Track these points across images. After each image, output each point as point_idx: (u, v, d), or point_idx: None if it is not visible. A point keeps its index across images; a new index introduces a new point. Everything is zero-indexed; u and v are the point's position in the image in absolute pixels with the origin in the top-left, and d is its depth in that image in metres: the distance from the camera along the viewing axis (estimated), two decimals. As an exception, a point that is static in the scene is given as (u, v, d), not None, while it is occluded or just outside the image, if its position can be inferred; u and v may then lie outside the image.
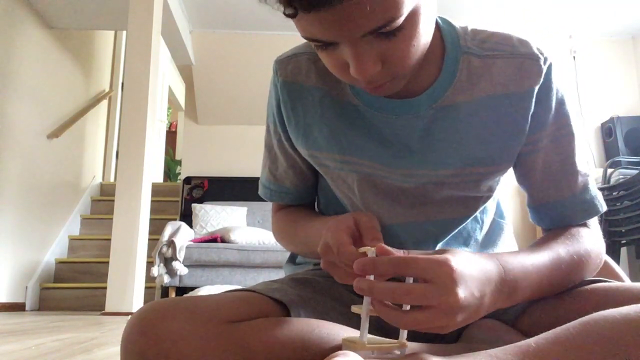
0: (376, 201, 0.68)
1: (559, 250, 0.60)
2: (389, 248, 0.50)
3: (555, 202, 0.66)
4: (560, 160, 0.65)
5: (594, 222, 0.68)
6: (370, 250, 0.50)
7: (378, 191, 0.67)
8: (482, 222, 0.74)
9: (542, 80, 0.63)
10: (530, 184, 0.68)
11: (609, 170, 2.85)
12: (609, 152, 4.39)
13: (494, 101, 0.63)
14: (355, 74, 0.52)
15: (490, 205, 0.75)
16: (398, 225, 0.69)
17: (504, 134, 0.63)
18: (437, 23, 0.66)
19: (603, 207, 0.67)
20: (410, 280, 0.48)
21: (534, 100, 0.63)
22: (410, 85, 0.62)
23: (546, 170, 0.66)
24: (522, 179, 0.68)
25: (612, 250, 2.62)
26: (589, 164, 4.43)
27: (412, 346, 0.57)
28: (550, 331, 0.47)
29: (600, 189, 2.71)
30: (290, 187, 0.78)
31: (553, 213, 0.67)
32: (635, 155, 4.07)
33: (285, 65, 0.71)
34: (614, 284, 0.60)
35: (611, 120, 4.42)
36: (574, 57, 4.72)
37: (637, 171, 2.52)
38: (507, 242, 0.79)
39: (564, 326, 0.47)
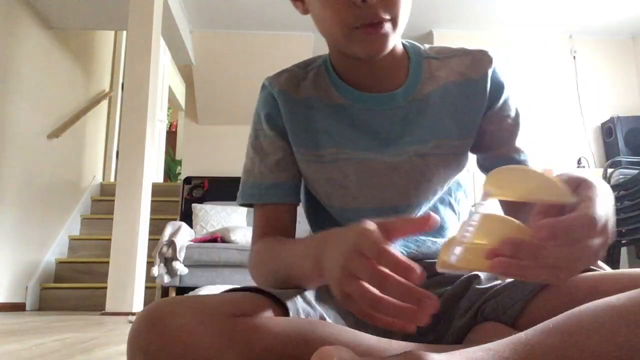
0: (371, 183, 0.75)
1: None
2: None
3: (506, 157, 0.77)
4: (509, 127, 0.78)
5: None
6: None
7: (374, 172, 0.75)
8: (459, 214, 0.82)
9: (493, 65, 0.77)
10: (484, 145, 0.78)
11: (609, 170, 2.85)
12: (609, 152, 4.40)
13: (457, 86, 0.76)
14: None
15: (463, 199, 0.84)
16: (389, 209, 0.75)
17: (469, 109, 0.76)
18: (402, 43, 0.79)
19: None
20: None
21: (489, 80, 0.76)
22: (387, 84, 0.76)
23: (498, 131, 0.77)
24: (478, 144, 0.78)
25: (612, 250, 2.62)
26: (589, 164, 4.44)
27: (411, 346, 0.57)
28: (541, 323, 0.49)
29: (600, 189, 2.70)
30: (281, 180, 0.78)
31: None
32: (635, 155, 4.08)
33: (278, 78, 0.80)
34: (599, 273, 0.61)
35: (611, 120, 4.42)
36: (574, 57, 4.73)
37: (637, 171, 2.51)
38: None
39: (553, 318, 0.48)
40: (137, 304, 3.21)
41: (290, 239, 0.75)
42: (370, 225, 0.49)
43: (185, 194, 4.82)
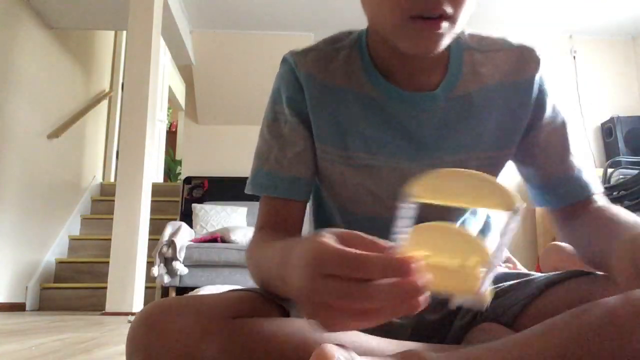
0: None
1: None
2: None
3: (561, 177, 0.69)
4: (559, 139, 0.70)
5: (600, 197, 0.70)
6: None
7: (405, 181, 0.69)
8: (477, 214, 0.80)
9: (540, 67, 0.69)
10: (535, 162, 0.71)
11: (609, 170, 2.85)
12: (609, 152, 4.39)
13: (502, 89, 0.69)
14: None
15: None
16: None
17: (512, 117, 0.69)
18: None
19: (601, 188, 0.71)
20: None
21: (535, 86, 0.69)
22: (425, 79, 0.68)
23: (548, 146, 0.70)
24: (527, 159, 0.71)
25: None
26: (589, 163, 4.44)
27: (411, 345, 0.57)
28: (539, 323, 0.49)
29: (600, 189, 2.70)
30: (299, 175, 0.71)
31: (560, 189, 0.70)
32: (635, 155, 4.07)
33: (304, 57, 0.71)
34: (594, 274, 0.62)
35: (611, 120, 4.42)
36: (574, 57, 4.72)
37: (637, 171, 2.51)
38: (493, 240, 0.83)
39: (551, 318, 0.49)
40: (137, 304, 3.21)
41: (274, 243, 0.62)
42: (326, 236, 0.42)
43: (185, 194, 4.82)
